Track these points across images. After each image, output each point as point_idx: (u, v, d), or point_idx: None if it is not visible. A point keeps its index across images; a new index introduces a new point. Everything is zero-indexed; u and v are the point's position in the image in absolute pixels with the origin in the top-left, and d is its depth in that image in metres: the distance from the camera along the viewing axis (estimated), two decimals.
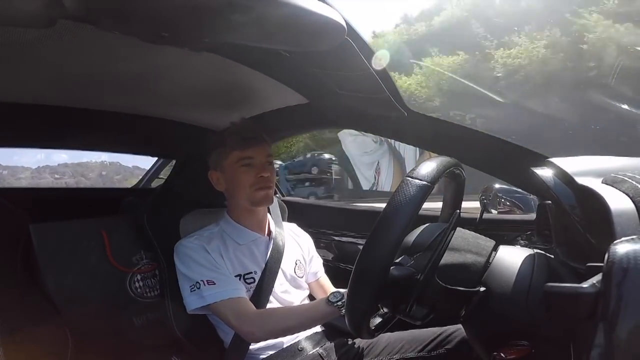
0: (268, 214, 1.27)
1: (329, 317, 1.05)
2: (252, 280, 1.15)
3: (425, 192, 0.63)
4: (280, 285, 1.19)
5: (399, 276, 0.66)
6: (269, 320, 1.07)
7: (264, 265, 1.17)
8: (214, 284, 1.07)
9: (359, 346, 1.15)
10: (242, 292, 1.09)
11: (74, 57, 0.92)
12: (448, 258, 0.68)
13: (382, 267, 0.61)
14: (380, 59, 0.81)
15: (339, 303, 0.99)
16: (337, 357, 1.12)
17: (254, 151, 1.14)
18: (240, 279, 1.13)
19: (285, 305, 1.17)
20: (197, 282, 1.07)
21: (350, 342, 1.17)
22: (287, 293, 1.20)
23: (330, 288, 1.33)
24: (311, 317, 1.06)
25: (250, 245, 1.19)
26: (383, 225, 0.62)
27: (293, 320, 1.07)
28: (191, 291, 1.08)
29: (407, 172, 0.66)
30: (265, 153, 1.16)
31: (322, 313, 1.03)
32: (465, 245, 0.71)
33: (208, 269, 1.09)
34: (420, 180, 0.63)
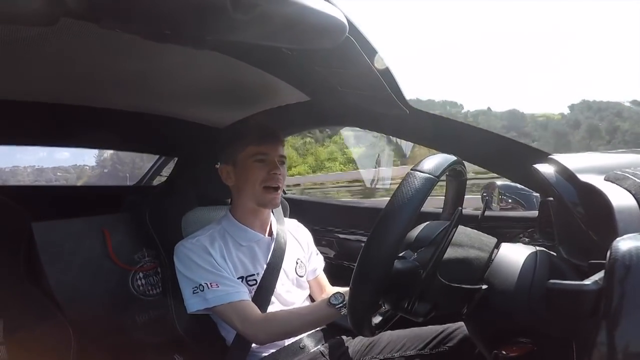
0: (271, 214, 1.27)
1: (330, 319, 1.06)
2: (254, 282, 1.14)
3: (430, 185, 0.63)
4: (282, 286, 1.18)
5: (402, 269, 0.66)
6: (273, 323, 1.07)
7: (265, 266, 1.17)
8: (218, 286, 1.06)
9: (360, 344, 1.15)
10: (245, 294, 1.09)
11: (77, 55, 0.92)
12: (451, 253, 0.68)
13: (387, 258, 0.61)
14: (383, 58, 0.81)
15: (340, 305, 1.00)
16: (339, 355, 1.12)
17: (269, 148, 1.14)
18: (242, 281, 1.13)
19: (288, 306, 1.17)
20: (201, 285, 1.06)
21: (351, 340, 1.17)
22: (289, 293, 1.20)
23: (328, 286, 1.33)
24: (313, 320, 1.07)
25: (253, 245, 1.18)
26: (388, 217, 0.61)
27: (295, 323, 1.07)
28: (193, 293, 1.07)
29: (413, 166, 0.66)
30: (279, 152, 1.16)
31: (323, 315, 1.04)
32: (468, 241, 0.70)
33: (210, 272, 1.08)
34: (426, 173, 0.64)
